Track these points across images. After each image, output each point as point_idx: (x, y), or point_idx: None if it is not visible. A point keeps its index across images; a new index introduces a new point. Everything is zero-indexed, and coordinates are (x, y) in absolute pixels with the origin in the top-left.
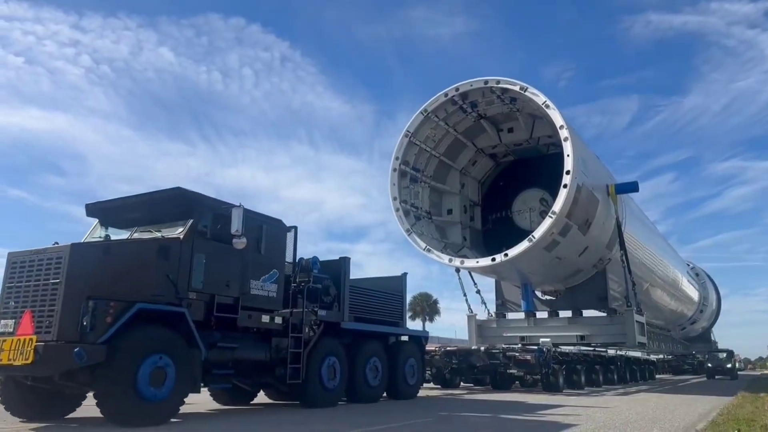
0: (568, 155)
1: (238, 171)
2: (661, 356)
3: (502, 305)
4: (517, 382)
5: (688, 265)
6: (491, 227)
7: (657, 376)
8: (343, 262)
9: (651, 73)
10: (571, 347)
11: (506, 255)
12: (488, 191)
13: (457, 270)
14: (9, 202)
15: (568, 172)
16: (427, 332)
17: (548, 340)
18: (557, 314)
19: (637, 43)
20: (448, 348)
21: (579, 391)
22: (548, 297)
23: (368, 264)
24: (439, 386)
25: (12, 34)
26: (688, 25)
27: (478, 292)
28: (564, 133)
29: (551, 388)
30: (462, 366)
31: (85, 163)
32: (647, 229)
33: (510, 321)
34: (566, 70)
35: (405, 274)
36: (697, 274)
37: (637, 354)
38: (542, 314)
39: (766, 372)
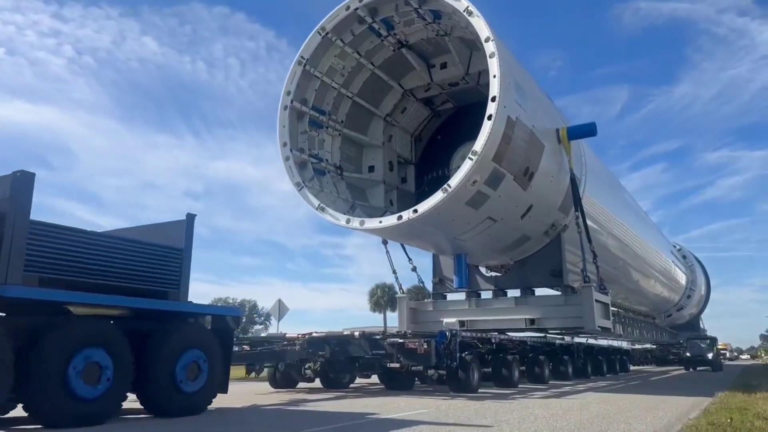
0: (494, 76)
1: (227, 163)
2: (643, 345)
3: (440, 284)
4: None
5: (675, 246)
6: (427, 190)
7: (634, 368)
8: (18, 182)
9: (641, 62)
10: (518, 333)
11: (416, 211)
12: (427, 149)
13: (384, 242)
14: None
15: (494, 99)
16: (237, 309)
17: (453, 320)
18: (505, 294)
19: (627, 31)
20: (314, 335)
21: (505, 390)
22: (494, 273)
23: (360, 257)
24: (322, 386)
25: None
26: (678, 12)
27: (414, 269)
28: (490, 48)
29: (461, 386)
30: (338, 359)
31: (72, 156)
32: (619, 195)
33: (448, 303)
34: (556, 59)
35: (192, 217)
36: (684, 257)
37: (605, 342)
38: (488, 294)
39: (756, 361)
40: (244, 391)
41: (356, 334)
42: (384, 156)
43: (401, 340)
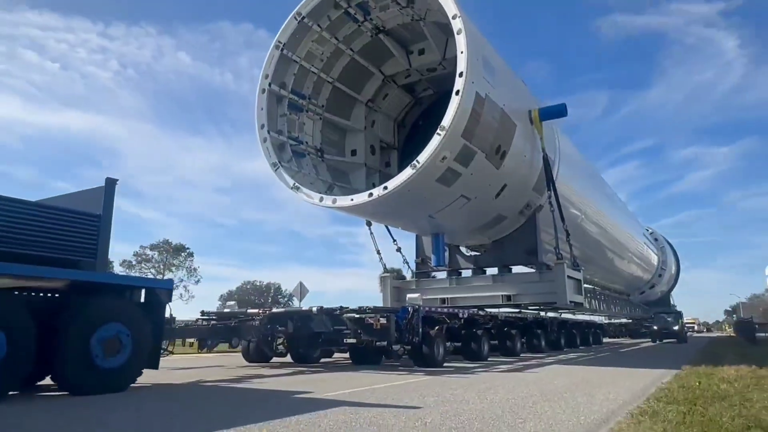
0: (461, 52)
1: (253, 163)
2: (619, 320)
3: (423, 264)
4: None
5: (647, 230)
6: None
7: (609, 340)
8: None
9: (619, 69)
10: (496, 309)
11: (386, 188)
12: (410, 134)
13: (368, 223)
14: (54, 193)
15: (461, 75)
16: (169, 281)
17: (416, 296)
18: (483, 272)
19: (606, 41)
20: (274, 311)
21: (473, 363)
22: (473, 252)
23: (371, 245)
24: (293, 361)
25: (47, 43)
26: (651, 24)
27: (399, 250)
28: (457, 24)
29: (425, 361)
30: (301, 334)
31: (118, 157)
32: (593, 180)
33: (431, 281)
34: (542, 67)
35: (112, 181)
36: (656, 239)
37: (580, 316)
38: (468, 272)
39: (720, 333)
40: (213, 363)
41: (314, 309)
42: (366, 140)
43: (358, 316)
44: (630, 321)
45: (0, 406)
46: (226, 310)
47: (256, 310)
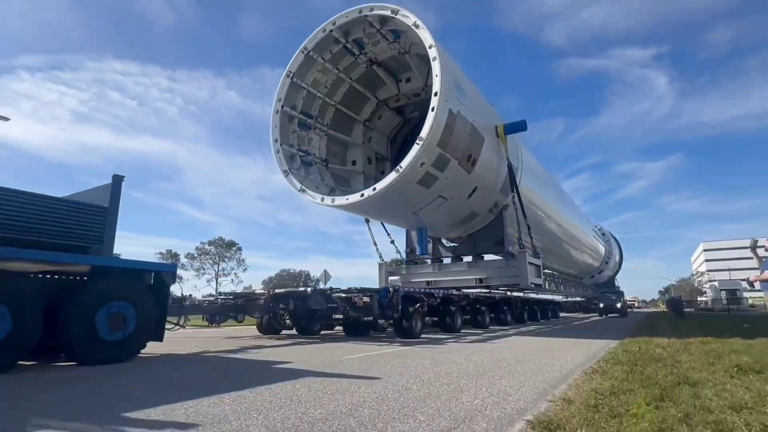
0: (436, 75)
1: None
2: (573, 299)
3: (412, 253)
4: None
5: (596, 226)
6: None
7: (565, 315)
8: None
9: (573, 101)
10: (471, 290)
11: (374, 189)
12: (402, 148)
13: (366, 221)
14: (132, 202)
15: (436, 94)
16: (173, 264)
17: (396, 278)
18: (460, 259)
19: (562, 79)
20: (277, 291)
21: (447, 335)
22: (452, 243)
23: (380, 240)
24: (297, 334)
25: (127, 85)
26: (598, 65)
27: (392, 242)
28: (433, 53)
29: (405, 333)
30: (301, 312)
31: (183, 172)
32: (551, 186)
33: (418, 267)
34: (511, 100)
35: (119, 178)
36: (603, 234)
37: (542, 296)
38: (448, 260)
39: (655, 309)
40: (234, 335)
41: (309, 290)
42: (364, 153)
43: (345, 295)
44: (582, 299)
45: (15, 375)
46: (237, 291)
47: (261, 291)
